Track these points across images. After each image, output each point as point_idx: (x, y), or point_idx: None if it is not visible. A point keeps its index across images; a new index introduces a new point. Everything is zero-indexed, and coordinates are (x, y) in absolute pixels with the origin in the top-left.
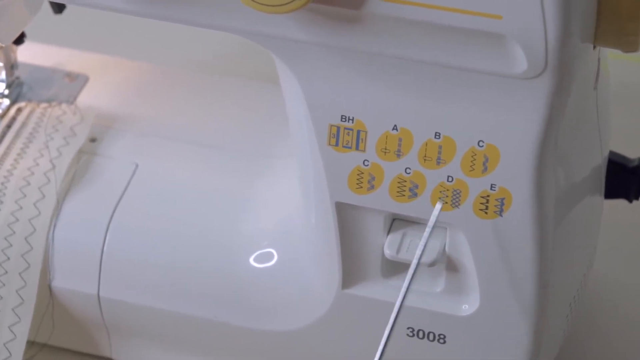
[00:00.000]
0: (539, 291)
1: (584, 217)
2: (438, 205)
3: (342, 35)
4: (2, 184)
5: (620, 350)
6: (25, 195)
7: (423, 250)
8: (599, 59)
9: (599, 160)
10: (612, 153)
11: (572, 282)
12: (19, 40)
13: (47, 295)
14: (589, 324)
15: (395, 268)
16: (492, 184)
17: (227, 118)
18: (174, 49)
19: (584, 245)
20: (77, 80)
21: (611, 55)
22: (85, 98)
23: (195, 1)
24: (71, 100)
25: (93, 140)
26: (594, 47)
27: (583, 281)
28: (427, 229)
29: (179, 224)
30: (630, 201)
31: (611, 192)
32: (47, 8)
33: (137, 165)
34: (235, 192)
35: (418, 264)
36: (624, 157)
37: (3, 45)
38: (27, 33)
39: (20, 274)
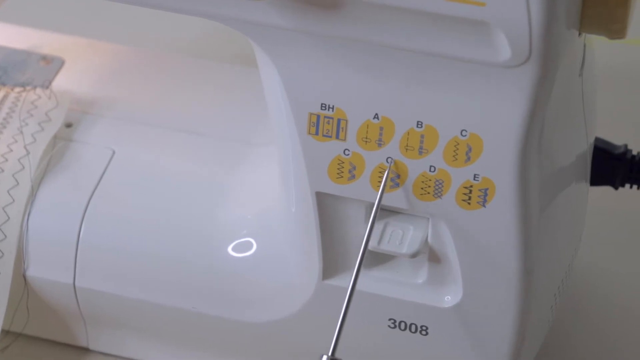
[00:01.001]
0: (523, 282)
1: (569, 205)
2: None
3: (322, 21)
4: None
5: (607, 338)
6: None
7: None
8: (584, 45)
9: (585, 147)
10: (597, 139)
11: (557, 272)
12: None
13: (22, 285)
14: (575, 312)
15: (376, 259)
16: (475, 174)
17: (206, 103)
18: (152, 31)
19: (569, 233)
20: (53, 64)
21: (595, 37)
22: (61, 82)
23: None
24: (46, 85)
25: (69, 125)
26: (580, 33)
27: (568, 270)
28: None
29: (156, 212)
30: (616, 188)
31: (597, 179)
32: None
33: (113, 152)
34: (214, 179)
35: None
36: (609, 144)
37: None
38: (0, 14)
39: None
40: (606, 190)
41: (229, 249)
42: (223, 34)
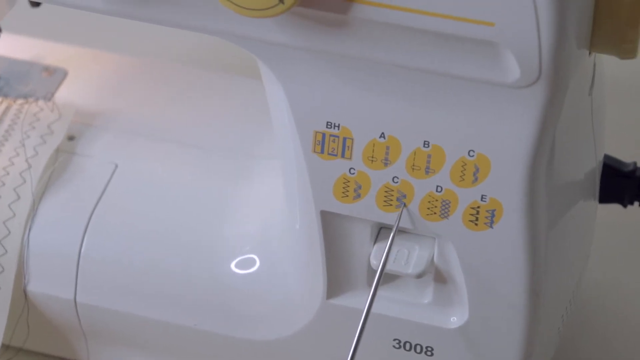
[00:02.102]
0: (531, 303)
1: (577, 224)
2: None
3: (328, 39)
4: None
5: (616, 354)
6: (0, 197)
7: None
8: (594, 64)
9: (594, 165)
10: (606, 157)
11: (565, 292)
12: None
13: (22, 300)
14: (583, 329)
15: (382, 278)
16: (482, 195)
17: (210, 115)
18: (156, 41)
19: (577, 252)
20: (55, 75)
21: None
22: (63, 93)
23: (175, 2)
24: (49, 96)
25: (71, 138)
26: (590, 53)
27: (576, 289)
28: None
29: (159, 226)
30: (625, 206)
31: (606, 196)
32: (23, 0)
33: (116, 165)
34: (217, 193)
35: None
36: (618, 161)
37: None
38: (3, 24)
39: None
40: (615, 207)
41: (232, 265)
42: (227, 45)
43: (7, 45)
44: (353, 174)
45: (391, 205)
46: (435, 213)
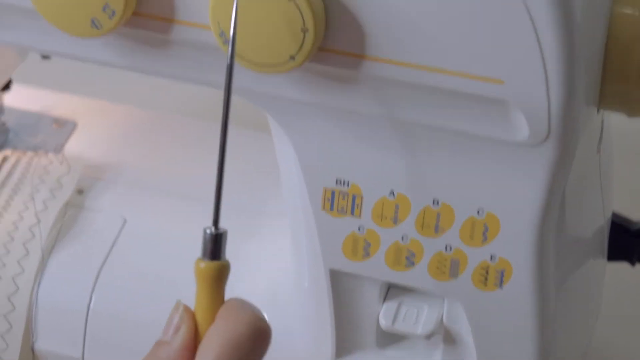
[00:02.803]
0: None
1: (586, 283)
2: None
3: (339, 96)
4: None
5: None
6: (8, 252)
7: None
8: (602, 120)
9: (602, 222)
10: (614, 215)
11: (575, 352)
12: (6, 86)
13: (30, 358)
14: None
15: (391, 338)
16: (491, 255)
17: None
18: (164, 93)
19: (586, 311)
20: (65, 127)
21: None
22: (73, 145)
23: (184, 57)
24: (58, 149)
25: (80, 192)
26: (599, 110)
27: (585, 350)
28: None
29: (167, 282)
30: (633, 264)
31: (614, 254)
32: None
33: (125, 220)
34: (226, 250)
35: None
36: (626, 220)
37: None
38: (13, 76)
39: (1, 335)
40: (623, 265)
41: None
42: (236, 99)
43: (17, 97)
44: (362, 232)
45: (400, 264)
46: (444, 272)
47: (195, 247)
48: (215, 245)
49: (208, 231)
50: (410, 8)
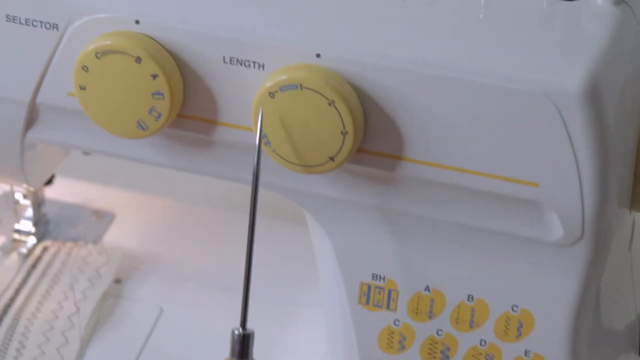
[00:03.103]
0: None
1: None
2: None
3: (375, 194)
4: (26, 327)
5: None
6: (48, 340)
7: None
8: (633, 221)
9: (633, 318)
10: None
11: None
12: (49, 181)
13: None
14: None
15: None
16: (526, 350)
17: (254, 260)
18: (201, 186)
19: None
20: (104, 218)
21: None
22: (111, 237)
23: (224, 156)
24: (97, 240)
25: (118, 281)
26: (630, 211)
27: None
28: None
29: None
30: None
31: None
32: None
33: (161, 310)
34: (259, 340)
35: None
36: None
37: (33, 189)
38: (55, 169)
39: None
40: None
41: None
42: (271, 192)
43: (58, 190)
44: (398, 325)
45: (435, 357)
46: None
47: (229, 336)
48: (243, 346)
49: (236, 332)
50: (446, 113)
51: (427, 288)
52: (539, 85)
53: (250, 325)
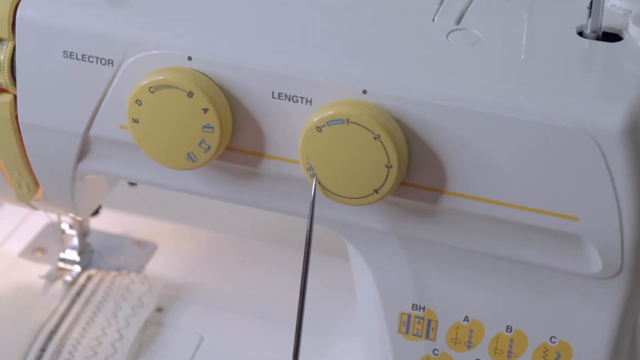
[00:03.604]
0: None
1: None
2: None
3: (418, 227)
4: (70, 353)
5: None
6: None
7: None
8: None
9: None
10: None
11: None
12: (96, 212)
13: None
14: None
15: None
16: None
17: (293, 291)
18: (241, 218)
19: None
20: (146, 249)
21: None
22: (153, 266)
23: (271, 188)
24: (140, 269)
25: (160, 310)
26: None
27: None
28: None
29: None
30: None
31: None
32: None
33: (202, 338)
34: None
35: None
36: None
37: (80, 219)
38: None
39: None
40: None
41: None
42: (314, 225)
43: (102, 220)
44: (437, 354)
45: None
46: None
47: None
48: None
49: None
50: (489, 149)
51: (466, 318)
52: (581, 122)
53: (286, 355)
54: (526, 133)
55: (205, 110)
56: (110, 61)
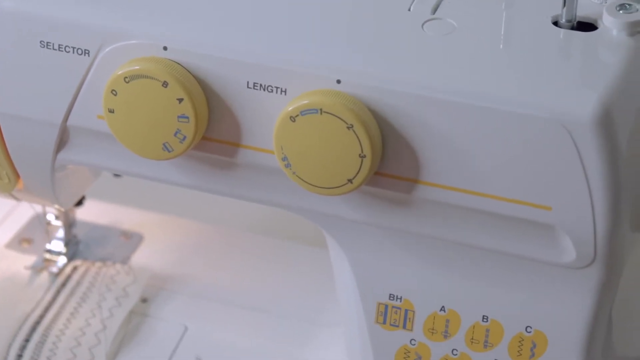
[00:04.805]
0: None
1: None
2: None
3: (392, 216)
4: (54, 343)
5: None
6: (75, 356)
7: None
8: None
9: None
10: None
11: None
12: (79, 202)
13: None
14: None
15: None
16: None
17: (277, 281)
18: (226, 209)
19: None
20: (132, 239)
21: None
22: (139, 257)
23: (247, 178)
24: (125, 260)
25: (144, 300)
26: None
27: None
28: None
29: None
30: None
31: None
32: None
33: (186, 328)
34: (282, 358)
35: None
36: None
37: (63, 209)
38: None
39: None
40: None
41: None
42: (293, 216)
43: (88, 211)
44: (414, 345)
45: None
46: None
47: (253, 356)
48: None
49: None
50: (462, 138)
51: (443, 308)
52: (553, 112)
53: (270, 344)
54: (499, 122)
55: (180, 100)
56: (87, 51)
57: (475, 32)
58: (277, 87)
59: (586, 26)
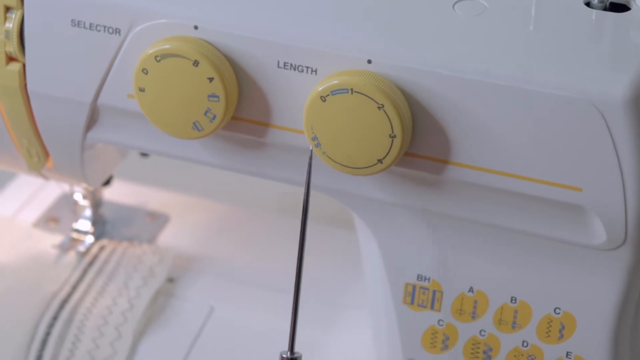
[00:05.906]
0: None
1: None
2: None
3: (423, 198)
4: (82, 321)
5: None
6: (102, 334)
7: None
8: None
9: None
10: None
11: None
12: (107, 182)
13: None
14: None
15: None
16: (567, 352)
17: (304, 264)
18: (253, 190)
19: None
20: (158, 220)
21: None
22: (165, 238)
23: (276, 158)
24: (151, 240)
25: (171, 280)
26: None
27: None
28: None
29: None
30: None
31: None
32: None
33: (212, 308)
34: (306, 341)
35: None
36: None
37: (92, 188)
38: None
39: None
40: None
41: None
42: (322, 197)
43: (115, 191)
44: (442, 325)
45: (478, 357)
46: None
47: (278, 338)
48: None
49: (284, 355)
50: (493, 119)
51: (471, 289)
52: (585, 93)
53: (301, 325)
54: (531, 103)
55: (211, 79)
56: (118, 30)
57: (507, 13)
58: (307, 67)
59: (619, 7)
